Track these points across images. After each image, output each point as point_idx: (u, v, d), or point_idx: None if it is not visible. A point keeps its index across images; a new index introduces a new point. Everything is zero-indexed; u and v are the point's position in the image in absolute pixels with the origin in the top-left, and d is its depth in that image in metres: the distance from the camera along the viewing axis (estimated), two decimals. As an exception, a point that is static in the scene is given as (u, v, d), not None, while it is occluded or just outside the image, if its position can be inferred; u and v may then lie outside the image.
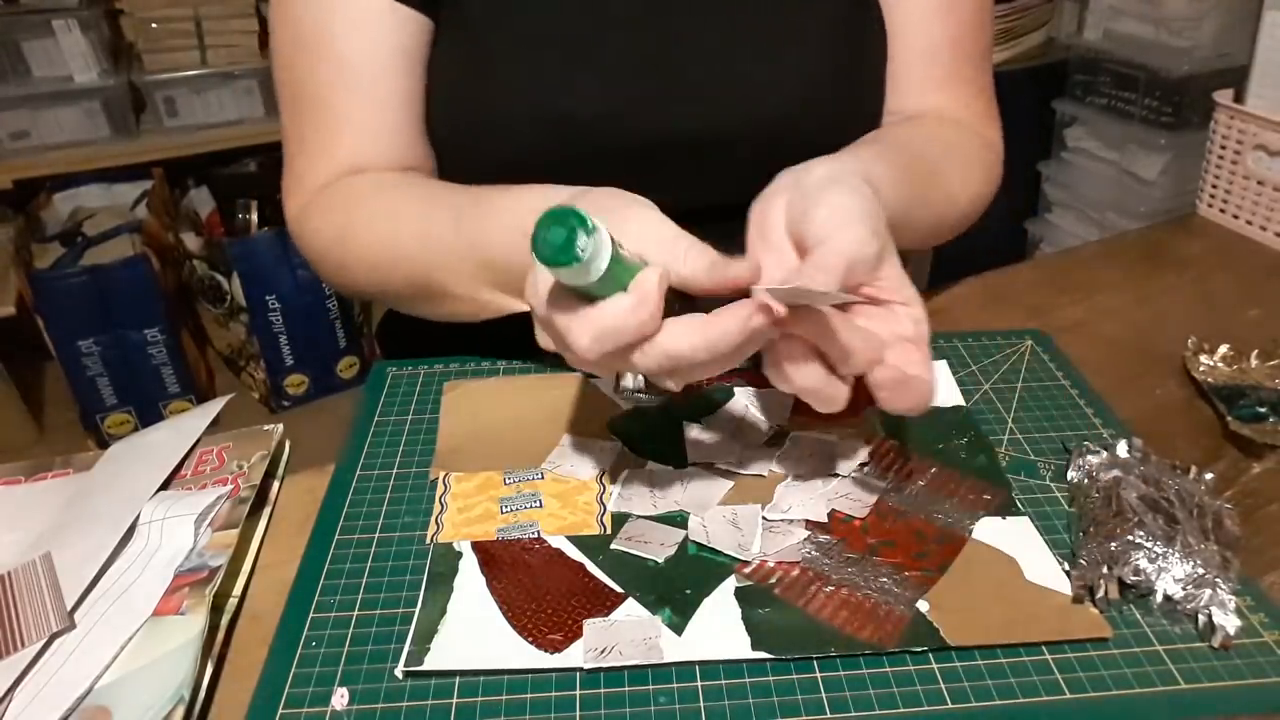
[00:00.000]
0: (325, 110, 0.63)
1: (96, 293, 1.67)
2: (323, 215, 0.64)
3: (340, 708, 0.43)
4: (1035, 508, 0.54)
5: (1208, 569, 0.48)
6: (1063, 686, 0.44)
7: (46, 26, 1.73)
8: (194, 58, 1.83)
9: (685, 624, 0.47)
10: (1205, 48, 1.65)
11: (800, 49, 0.64)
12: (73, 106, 1.79)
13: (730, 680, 0.44)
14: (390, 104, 0.63)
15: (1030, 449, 0.59)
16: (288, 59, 0.64)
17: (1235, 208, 0.89)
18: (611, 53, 0.63)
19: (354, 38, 0.61)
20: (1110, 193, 1.83)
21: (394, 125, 0.64)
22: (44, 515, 0.56)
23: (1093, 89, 1.85)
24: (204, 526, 0.53)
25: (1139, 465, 0.55)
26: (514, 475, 0.57)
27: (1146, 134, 1.74)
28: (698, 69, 0.63)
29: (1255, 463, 0.59)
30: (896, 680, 0.44)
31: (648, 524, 0.53)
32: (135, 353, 1.75)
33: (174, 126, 1.86)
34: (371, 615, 0.48)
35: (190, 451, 0.59)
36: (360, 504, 0.55)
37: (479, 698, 0.44)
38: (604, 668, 0.45)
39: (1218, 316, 0.74)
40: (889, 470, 0.57)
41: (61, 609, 0.47)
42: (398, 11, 0.61)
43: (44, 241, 1.77)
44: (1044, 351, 0.68)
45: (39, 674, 0.45)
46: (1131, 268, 0.82)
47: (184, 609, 0.47)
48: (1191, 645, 0.46)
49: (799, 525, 0.53)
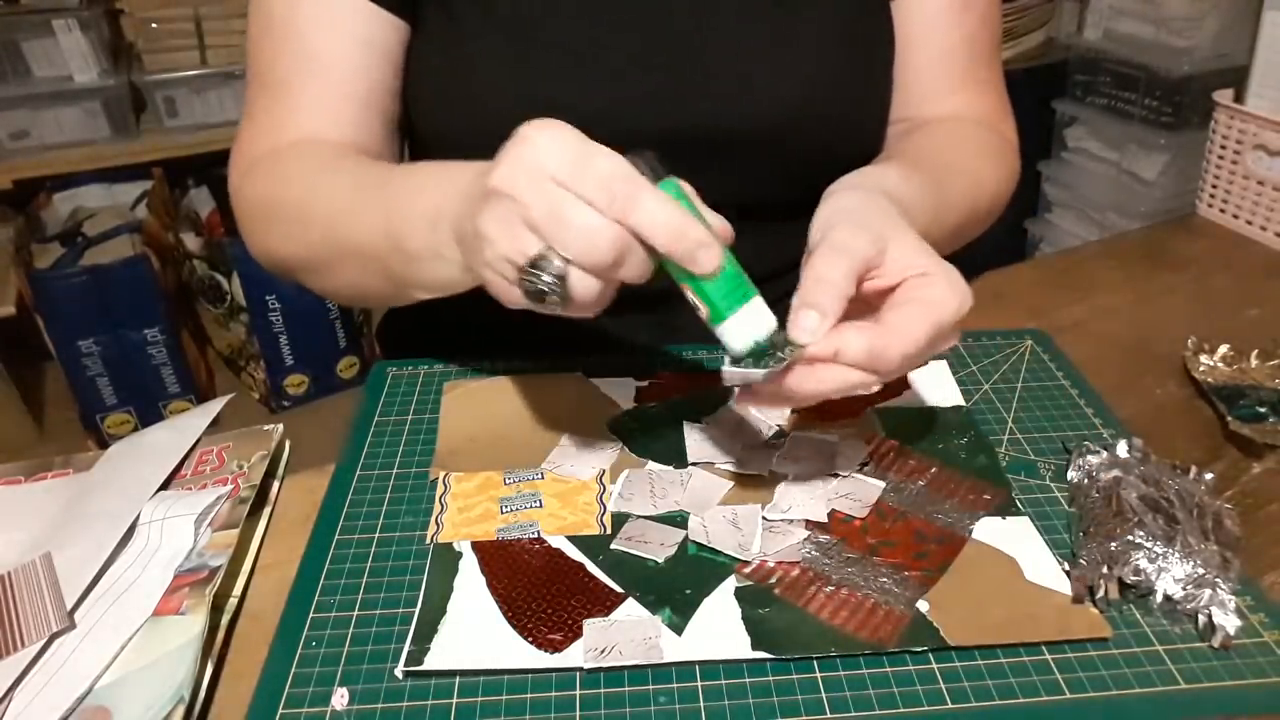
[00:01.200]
0: (283, 92, 0.63)
1: (96, 293, 1.67)
2: (257, 181, 0.63)
3: (340, 708, 0.43)
4: (1035, 508, 0.54)
5: (1208, 569, 0.48)
6: (1063, 686, 0.44)
7: (46, 26, 1.73)
8: (194, 58, 1.83)
9: (685, 624, 0.47)
10: (1205, 48, 1.65)
11: (805, 49, 0.64)
12: (73, 106, 1.78)
13: (730, 680, 0.44)
14: (350, 96, 0.63)
15: (1030, 449, 0.59)
16: (255, 42, 0.64)
17: (1235, 208, 0.89)
18: (614, 52, 0.63)
19: (320, 28, 0.62)
20: (1110, 193, 1.83)
21: (350, 117, 0.63)
22: (44, 515, 0.56)
23: (1093, 89, 1.85)
24: (204, 526, 0.53)
25: (1139, 465, 0.55)
26: (514, 475, 0.57)
27: (1146, 134, 1.74)
28: (701, 69, 0.63)
29: (1255, 463, 0.59)
30: (896, 680, 0.44)
31: (648, 524, 0.53)
32: (135, 353, 1.75)
33: (174, 126, 1.86)
34: (371, 615, 0.48)
35: (190, 451, 0.59)
36: (360, 504, 0.55)
37: (479, 698, 0.44)
38: (604, 668, 0.45)
39: (1218, 316, 0.74)
40: (889, 470, 0.57)
41: (61, 609, 0.47)
42: (367, 9, 0.62)
43: (44, 241, 1.77)
44: (1044, 351, 0.68)
45: (39, 674, 0.45)
46: (1131, 268, 0.82)
47: (184, 609, 0.47)
48: (1191, 645, 0.46)
49: (799, 525, 0.53)
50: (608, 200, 0.41)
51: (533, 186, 0.42)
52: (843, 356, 0.45)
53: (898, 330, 0.45)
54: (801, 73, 0.64)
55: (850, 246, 0.46)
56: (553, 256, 0.42)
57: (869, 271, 0.47)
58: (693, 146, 0.64)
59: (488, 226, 0.43)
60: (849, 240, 0.46)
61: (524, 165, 0.42)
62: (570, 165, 0.41)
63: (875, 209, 0.50)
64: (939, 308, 0.46)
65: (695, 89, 0.63)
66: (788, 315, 0.46)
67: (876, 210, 0.50)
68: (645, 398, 0.63)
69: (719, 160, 0.64)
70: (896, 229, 0.48)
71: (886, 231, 0.48)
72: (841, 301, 0.45)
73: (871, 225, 0.47)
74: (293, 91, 0.63)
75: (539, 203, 0.41)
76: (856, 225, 0.47)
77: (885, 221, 0.48)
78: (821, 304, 0.45)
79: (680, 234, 0.42)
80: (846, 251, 0.46)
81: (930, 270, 0.47)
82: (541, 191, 0.41)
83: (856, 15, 0.66)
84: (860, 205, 0.50)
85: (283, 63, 0.63)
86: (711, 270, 0.43)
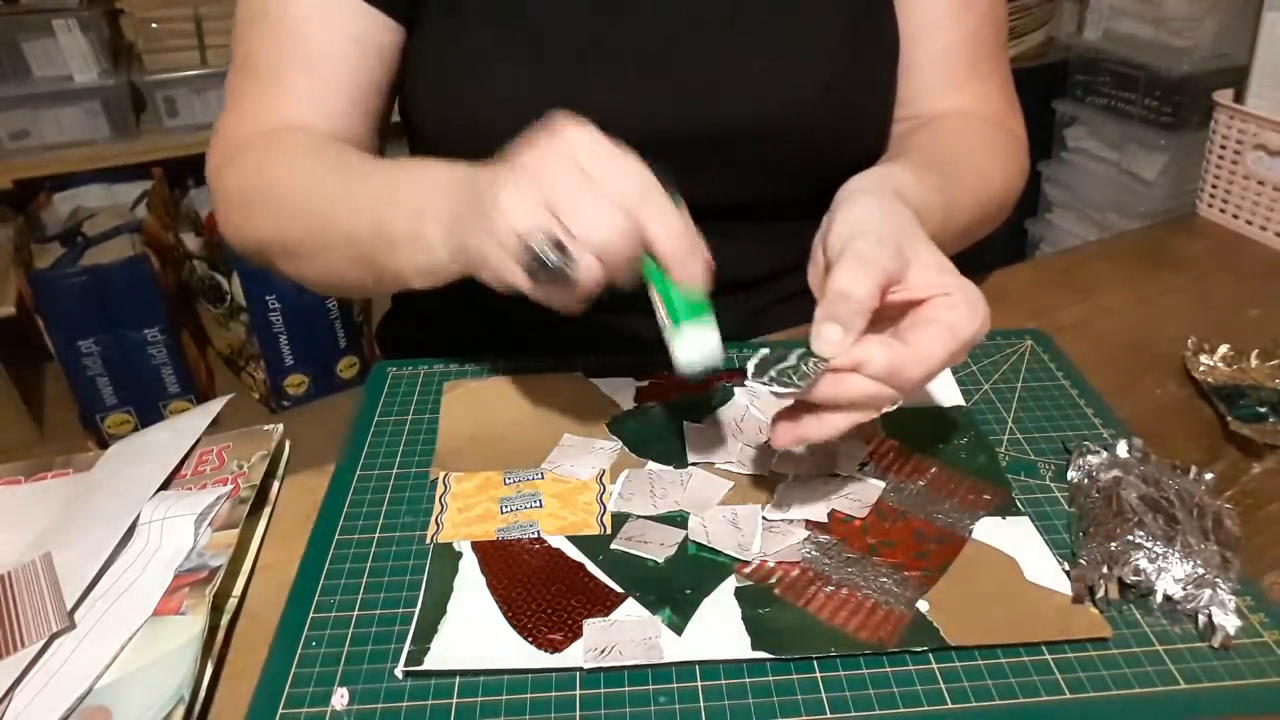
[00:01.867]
0: (271, 81, 0.63)
1: (96, 293, 1.67)
2: (239, 166, 0.63)
3: (340, 708, 0.43)
4: (1035, 508, 0.54)
5: (1208, 569, 0.48)
6: (1063, 686, 0.44)
7: (46, 26, 1.73)
8: (194, 58, 1.83)
9: (685, 624, 0.47)
10: (1205, 48, 1.65)
11: (811, 48, 0.64)
12: (73, 106, 1.78)
13: (730, 680, 0.44)
14: (337, 90, 0.63)
15: (1030, 449, 0.59)
16: (243, 29, 0.64)
17: (1235, 208, 0.89)
18: (622, 51, 0.63)
19: (312, 20, 0.62)
20: (1110, 193, 1.83)
21: (336, 110, 0.64)
22: (44, 515, 0.56)
23: (1093, 89, 1.85)
24: (204, 526, 0.53)
25: (1139, 465, 0.55)
26: (514, 475, 0.57)
27: (1146, 134, 1.74)
28: (706, 67, 0.63)
29: (1255, 463, 0.59)
30: (896, 680, 0.44)
31: (648, 524, 0.53)
32: (135, 353, 1.75)
33: (174, 126, 1.86)
34: (371, 615, 0.48)
35: (190, 451, 0.59)
36: (360, 504, 0.55)
37: (479, 698, 0.44)
38: (604, 668, 0.45)
39: (1218, 316, 0.74)
40: (889, 470, 0.57)
41: (61, 609, 0.47)
42: (361, 7, 0.62)
43: (44, 241, 1.77)
44: (1044, 351, 0.68)
45: (39, 674, 0.45)
46: (1131, 268, 0.82)
47: (184, 609, 0.47)
48: (1191, 645, 0.46)
49: (799, 525, 0.53)
50: (628, 195, 0.44)
51: (560, 169, 0.44)
52: (865, 369, 0.45)
53: (919, 349, 0.46)
54: (808, 71, 0.64)
55: (873, 261, 0.46)
56: (563, 236, 0.43)
57: (890, 285, 0.47)
58: (699, 145, 0.64)
59: (507, 198, 0.44)
60: (872, 254, 0.46)
61: (555, 150, 0.44)
62: (599, 159, 0.44)
63: (895, 219, 0.49)
64: (960, 330, 0.46)
65: (701, 88, 0.63)
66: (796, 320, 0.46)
67: (897, 220, 0.49)
68: (645, 398, 0.63)
69: (725, 158, 0.65)
70: (918, 243, 0.48)
71: (908, 245, 0.48)
72: (864, 317, 0.45)
73: (893, 238, 0.47)
74: (280, 81, 0.63)
75: (563, 184, 0.44)
76: (879, 238, 0.47)
77: (907, 234, 0.48)
78: (844, 318, 0.45)
79: (682, 238, 0.44)
80: (869, 266, 0.46)
81: (953, 291, 0.47)
82: (568, 175, 0.44)
83: (861, 14, 0.66)
84: (879, 214, 0.50)
85: (271, 52, 0.63)
86: (697, 279, 0.45)
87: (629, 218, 0.43)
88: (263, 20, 0.63)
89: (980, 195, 0.65)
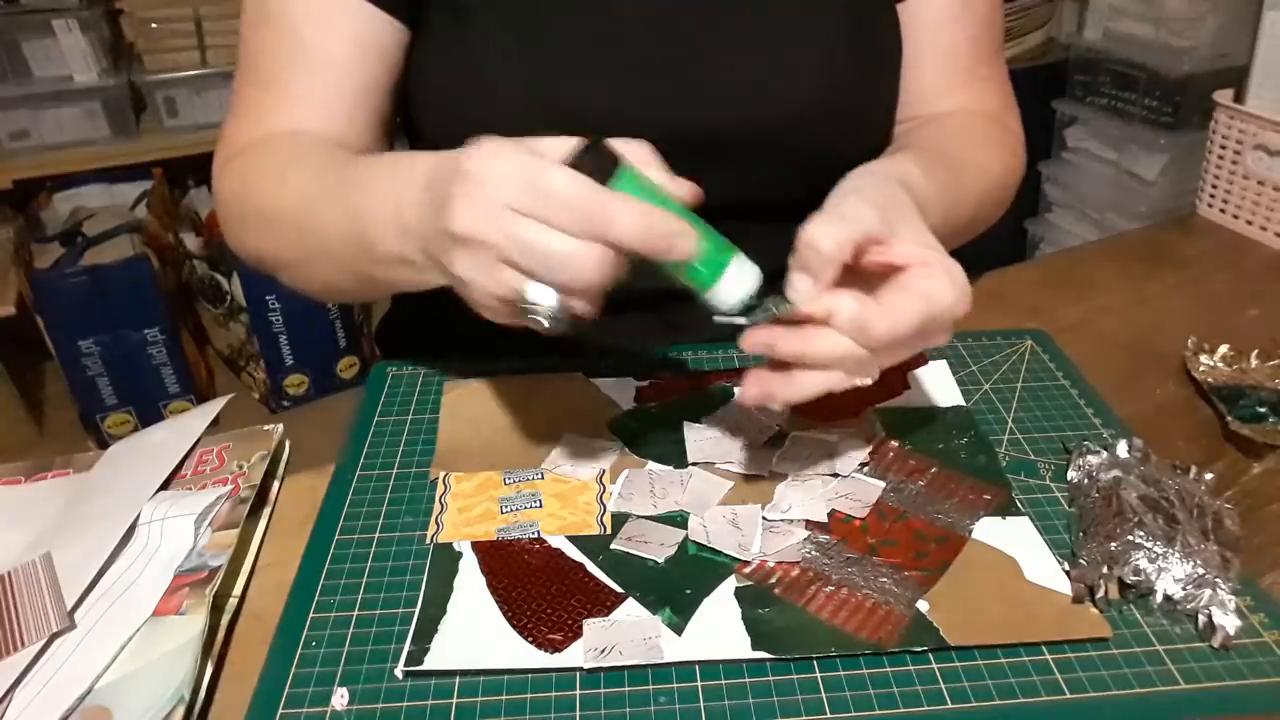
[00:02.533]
0: (273, 86, 0.63)
1: (96, 293, 1.67)
2: (231, 175, 0.63)
3: (340, 708, 0.43)
4: (1035, 508, 0.54)
5: (1208, 569, 0.48)
6: (1063, 686, 0.44)
7: (46, 26, 1.73)
8: (194, 58, 1.83)
9: (685, 624, 0.47)
10: (1205, 48, 1.65)
11: (810, 50, 0.64)
12: (73, 106, 1.78)
13: (730, 680, 0.44)
14: (340, 93, 0.63)
15: (1030, 449, 0.59)
16: (247, 34, 0.64)
17: (1235, 208, 0.89)
18: (623, 51, 0.63)
19: (315, 23, 0.62)
20: (1110, 193, 1.83)
21: (339, 114, 0.63)
22: (44, 515, 0.56)
23: (1093, 89, 1.85)
24: (204, 526, 0.53)
25: (1139, 465, 0.55)
26: (514, 475, 0.57)
27: (1146, 134, 1.74)
28: (709, 68, 0.63)
29: (1255, 463, 0.59)
30: (896, 680, 0.44)
31: (648, 524, 0.53)
32: (135, 353, 1.75)
33: (174, 126, 1.86)
34: (371, 615, 0.48)
35: (190, 451, 0.59)
36: (360, 504, 0.55)
37: (479, 698, 0.44)
38: (604, 667, 0.45)
39: (1218, 316, 0.74)
40: (889, 470, 0.57)
41: (61, 609, 0.47)
42: (365, 8, 0.62)
43: (44, 241, 1.77)
44: (1044, 351, 0.68)
45: (39, 674, 0.45)
46: (1131, 268, 0.82)
47: (184, 609, 0.47)
48: (1191, 645, 0.46)
49: (799, 525, 0.53)
50: (577, 221, 0.41)
51: (496, 225, 0.41)
52: (834, 319, 0.45)
53: (890, 309, 0.46)
54: (810, 73, 0.64)
55: (850, 216, 0.46)
56: (541, 288, 0.41)
57: (869, 245, 0.47)
58: (700, 146, 0.64)
59: (466, 273, 0.43)
60: (851, 211, 0.47)
61: (481, 204, 0.41)
62: (527, 192, 0.41)
63: (888, 192, 0.50)
64: (935, 299, 0.46)
65: (704, 88, 0.63)
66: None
67: (889, 193, 0.50)
68: (645, 398, 0.63)
69: (727, 159, 0.64)
70: (907, 215, 0.49)
71: (895, 214, 0.48)
72: (833, 267, 0.45)
73: (879, 204, 0.48)
74: (282, 85, 0.63)
75: (507, 241, 0.41)
76: (864, 199, 0.48)
77: (896, 205, 0.49)
78: (813, 267, 0.45)
79: (654, 233, 0.42)
80: (845, 220, 0.46)
81: (933, 263, 0.47)
82: (506, 228, 0.41)
83: (864, 15, 0.66)
84: (873, 186, 0.50)
85: (274, 56, 0.63)
86: (690, 255, 0.44)
87: (588, 236, 0.41)
88: (264, 24, 0.63)
89: (981, 189, 0.65)
